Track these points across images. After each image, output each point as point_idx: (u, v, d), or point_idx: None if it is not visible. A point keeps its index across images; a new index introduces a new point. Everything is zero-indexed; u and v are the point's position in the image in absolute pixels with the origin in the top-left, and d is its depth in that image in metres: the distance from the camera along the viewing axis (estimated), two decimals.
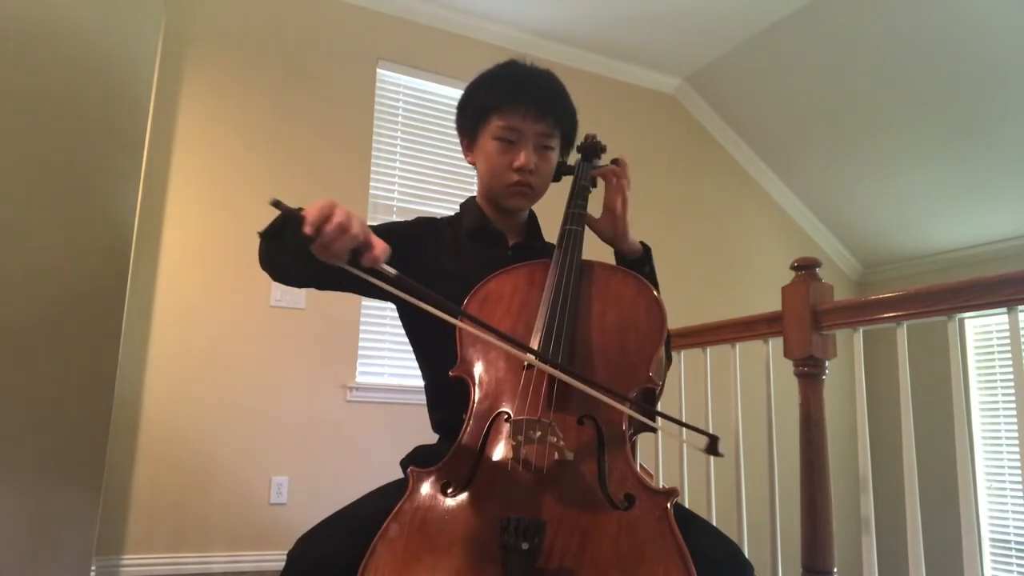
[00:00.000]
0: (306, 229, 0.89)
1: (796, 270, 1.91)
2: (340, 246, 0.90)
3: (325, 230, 0.89)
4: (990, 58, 3.40)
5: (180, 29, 3.17)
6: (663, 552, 0.85)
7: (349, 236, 0.90)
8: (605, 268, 1.21)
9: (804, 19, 3.66)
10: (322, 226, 0.89)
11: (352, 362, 3.32)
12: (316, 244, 0.90)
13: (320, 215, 0.89)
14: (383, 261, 0.92)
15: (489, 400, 1.05)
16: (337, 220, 0.89)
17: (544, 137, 1.28)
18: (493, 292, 1.17)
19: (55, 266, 2.22)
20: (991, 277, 1.49)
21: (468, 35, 3.86)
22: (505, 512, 0.88)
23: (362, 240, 0.91)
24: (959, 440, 1.55)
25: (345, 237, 0.90)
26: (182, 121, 3.15)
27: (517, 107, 1.25)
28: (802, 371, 1.85)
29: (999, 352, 4.21)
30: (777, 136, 4.46)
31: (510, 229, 1.38)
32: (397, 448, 1.25)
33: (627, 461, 0.96)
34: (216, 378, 3.04)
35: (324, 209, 0.90)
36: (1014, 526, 4.02)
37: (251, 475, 3.03)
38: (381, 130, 3.60)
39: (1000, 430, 4.16)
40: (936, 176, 4.10)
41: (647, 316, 1.12)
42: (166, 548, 2.85)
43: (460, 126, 1.37)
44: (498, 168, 1.28)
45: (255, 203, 3.22)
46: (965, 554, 1.49)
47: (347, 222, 0.90)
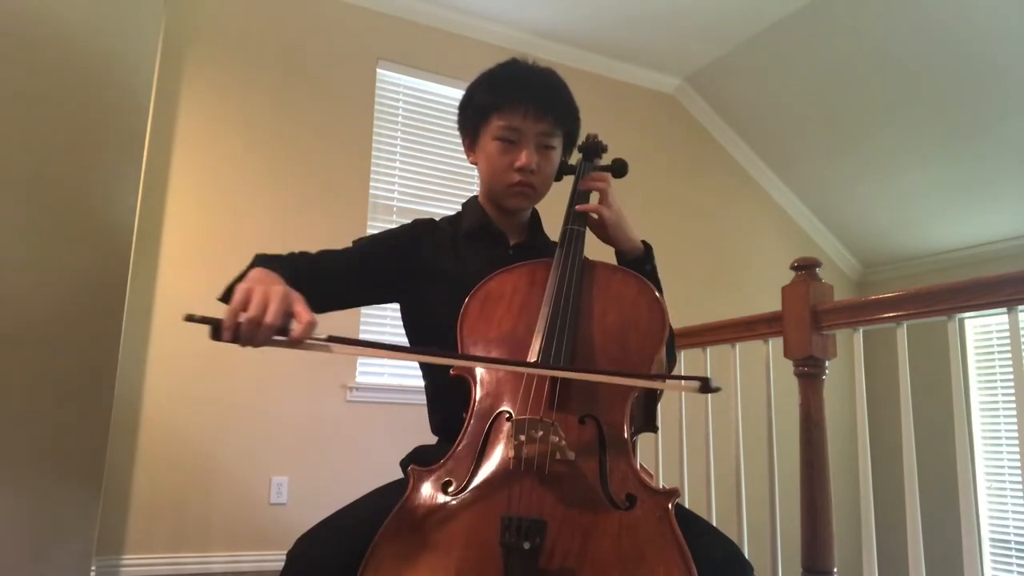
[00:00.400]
0: (224, 336, 0.89)
1: (796, 270, 1.91)
2: (260, 339, 0.89)
3: (241, 330, 0.88)
4: (990, 58, 3.40)
5: (180, 29, 3.17)
6: (664, 552, 0.85)
7: (264, 327, 0.88)
8: (606, 268, 1.21)
9: (804, 19, 3.66)
10: (235, 327, 0.88)
11: (352, 362, 3.31)
12: (239, 343, 0.89)
13: (231, 317, 0.88)
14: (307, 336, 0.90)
15: (490, 399, 1.05)
16: (250, 315, 0.88)
17: (545, 137, 1.28)
18: (494, 291, 1.17)
19: (55, 266, 2.22)
20: (991, 277, 1.49)
21: (468, 35, 3.86)
22: (506, 512, 0.88)
23: (281, 324, 0.89)
24: (959, 440, 1.55)
25: (261, 329, 0.88)
26: (182, 121, 3.15)
27: (518, 107, 1.25)
28: (802, 371, 1.85)
29: (999, 352, 4.21)
30: (777, 136, 4.46)
31: (512, 229, 1.38)
32: (397, 448, 1.25)
33: (628, 461, 0.96)
34: (216, 378, 3.03)
35: (235, 309, 0.89)
36: (1014, 526, 4.02)
37: (251, 475, 3.03)
38: (381, 130, 3.59)
39: (1000, 430, 4.16)
40: (936, 176, 4.10)
41: (648, 316, 1.12)
42: (166, 548, 2.85)
43: (461, 126, 1.36)
44: (499, 168, 1.28)
45: (255, 203, 3.22)
46: (965, 554, 1.50)
47: (259, 315, 0.88)
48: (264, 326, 0.88)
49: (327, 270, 1.23)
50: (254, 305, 0.88)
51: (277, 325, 0.89)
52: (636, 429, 1.08)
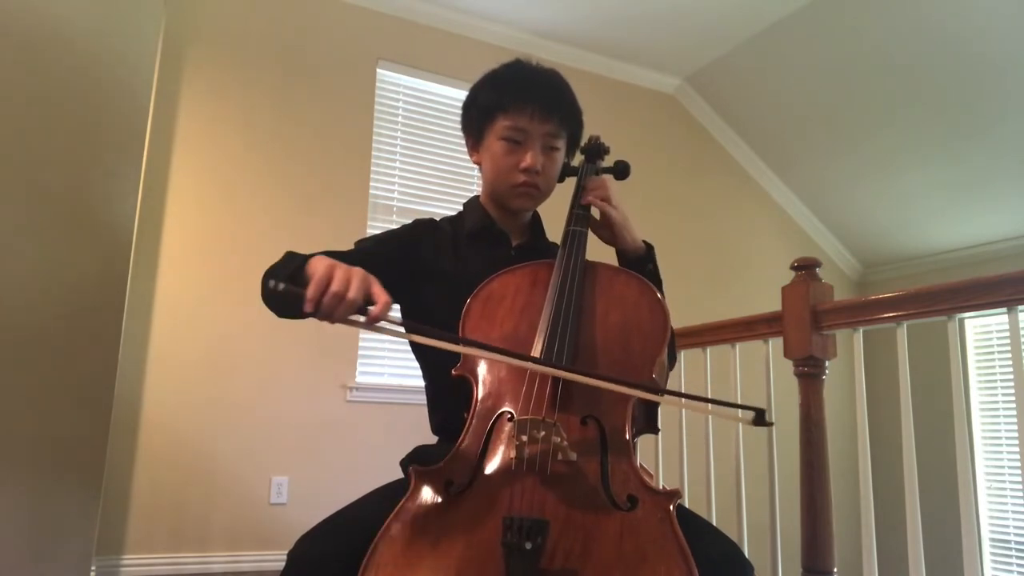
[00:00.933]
0: (306, 308, 0.91)
1: (796, 270, 1.91)
2: (340, 314, 0.91)
3: (324, 303, 0.90)
4: (990, 58, 3.40)
5: (180, 29, 3.17)
6: (665, 553, 0.85)
7: (347, 303, 0.91)
8: (608, 269, 1.21)
9: (804, 19, 3.66)
10: (320, 299, 0.90)
11: (352, 362, 3.32)
12: (317, 316, 0.92)
13: (317, 290, 0.90)
14: (386, 315, 0.93)
15: (492, 399, 1.05)
16: (334, 290, 0.90)
17: (550, 137, 1.28)
18: (496, 292, 1.16)
19: (55, 266, 2.22)
20: (991, 277, 1.49)
21: (468, 35, 3.86)
22: (508, 512, 0.88)
23: (362, 302, 0.92)
24: (959, 440, 1.55)
25: (343, 305, 0.91)
26: (182, 121, 3.14)
27: (524, 107, 1.25)
28: (802, 371, 1.85)
29: (999, 352, 4.21)
30: (777, 136, 4.46)
31: (514, 229, 1.38)
32: (397, 448, 1.25)
33: (630, 462, 0.96)
34: (216, 378, 3.03)
35: (320, 283, 0.91)
36: (1014, 526, 4.02)
37: (251, 475, 3.03)
38: (381, 130, 3.59)
39: (1000, 430, 4.16)
40: (936, 176, 4.10)
41: (650, 318, 1.12)
42: (166, 548, 2.85)
43: (465, 126, 1.36)
44: (504, 168, 1.27)
45: (255, 203, 3.22)
46: (965, 554, 1.50)
47: (343, 290, 0.91)
48: (347, 301, 0.90)
49: None
50: (337, 281, 0.91)
51: (359, 302, 0.91)
52: (637, 430, 1.08)
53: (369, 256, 1.29)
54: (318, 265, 0.94)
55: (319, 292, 0.90)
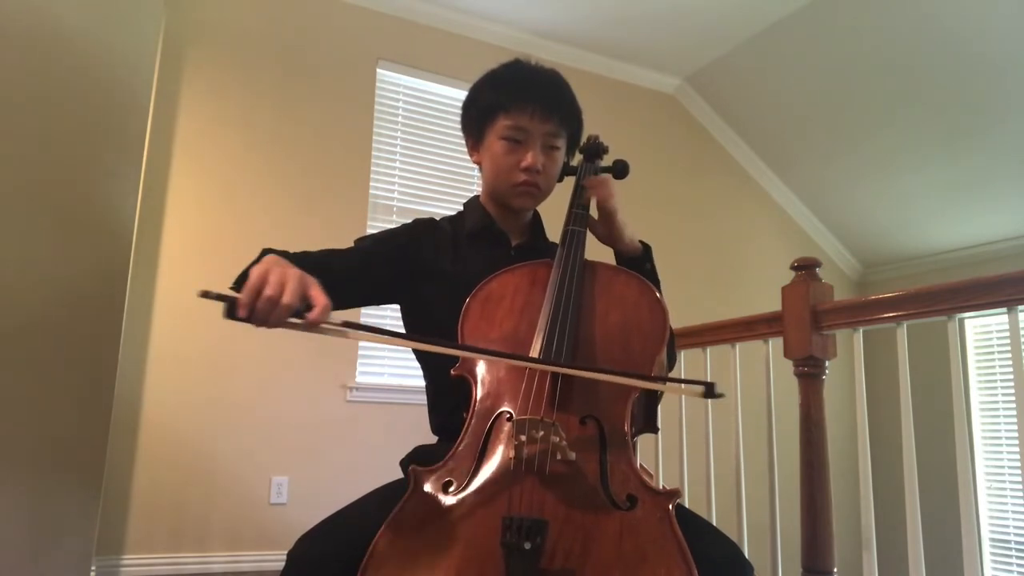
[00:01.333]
0: (239, 313, 0.89)
1: (796, 270, 1.91)
2: (275, 319, 0.90)
3: (257, 308, 0.89)
4: (990, 58, 3.40)
5: (180, 29, 3.17)
6: (665, 553, 0.85)
7: (281, 307, 0.89)
8: (608, 269, 1.21)
9: (804, 19, 3.66)
10: (254, 304, 0.89)
11: (352, 362, 3.32)
12: (253, 322, 0.90)
13: (249, 295, 0.89)
14: (323, 320, 0.91)
15: (491, 399, 1.05)
16: (267, 295, 0.89)
17: (551, 137, 1.28)
18: (495, 292, 1.16)
19: (55, 266, 2.22)
20: (991, 277, 1.49)
21: (468, 35, 3.86)
22: (507, 512, 0.88)
23: (298, 306, 0.90)
24: (959, 440, 1.55)
25: (278, 309, 0.89)
26: (182, 121, 3.15)
27: (525, 106, 1.25)
28: (802, 371, 1.85)
29: (999, 352, 4.21)
30: (777, 136, 4.46)
31: (514, 229, 1.38)
32: (397, 448, 1.25)
33: (629, 461, 0.96)
34: (216, 378, 3.03)
35: (253, 288, 0.89)
36: (1014, 526, 4.02)
37: (251, 475, 3.03)
38: (381, 130, 3.59)
39: (1000, 430, 4.16)
40: (936, 176, 4.10)
41: (650, 317, 1.12)
42: (166, 548, 2.85)
43: (465, 125, 1.36)
44: (505, 168, 1.28)
45: (255, 203, 3.22)
46: (965, 554, 1.50)
47: (276, 294, 0.89)
48: (281, 306, 0.89)
49: (331, 270, 1.23)
50: (271, 285, 0.89)
51: (294, 306, 0.90)
52: (637, 430, 1.08)
53: (370, 256, 1.29)
54: (255, 269, 0.92)
55: (252, 298, 0.89)
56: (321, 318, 0.90)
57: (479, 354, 1.06)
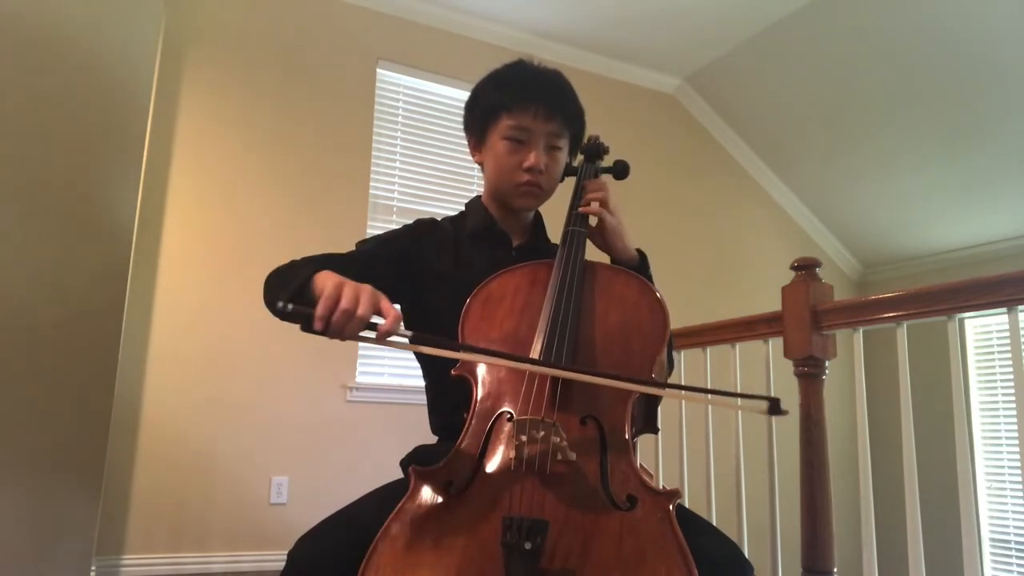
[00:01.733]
0: (316, 326, 0.91)
1: (796, 270, 1.91)
2: (351, 331, 0.92)
3: (334, 321, 0.91)
4: (990, 58, 3.40)
5: (180, 29, 3.17)
6: (665, 553, 0.85)
7: (357, 320, 0.91)
8: (608, 269, 1.21)
9: (804, 19, 3.66)
10: (330, 318, 0.91)
11: (352, 362, 3.32)
12: (327, 335, 0.92)
13: (326, 309, 0.91)
14: (396, 330, 0.93)
15: (491, 399, 1.05)
16: (343, 307, 0.90)
17: (554, 137, 1.28)
18: (496, 292, 1.16)
19: (55, 266, 2.22)
20: (991, 277, 1.49)
21: (468, 35, 3.86)
22: (507, 512, 0.88)
23: (371, 319, 0.92)
24: (959, 440, 1.55)
25: (354, 322, 0.91)
26: (182, 121, 3.14)
27: (528, 106, 1.25)
28: (802, 371, 1.85)
29: (999, 352, 4.21)
30: (777, 136, 4.46)
31: (515, 230, 1.38)
32: (397, 448, 1.25)
33: (629, 462, 0.96)
34: (216, 378, 3.03)
35: (329, 301, 0.91)
36: (1014, 526, 4.02)
37: (251, 475, 3.03)
38: (381, 130, 3.59)
39: (1000, 430, 4.16)
40: (936, 176, 4.10)
41: (650, 317, 1.12)
42: (166, 548, 2.85)
43: (468, 125, 1.36)
44: (507, 168, 1.28)
45: (255, 203, 3.22)
46: (965, 554, 1.50)
47: (352, 307, 0.91)
48: (357, 318, 0.91)
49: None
50: (346, 298, 0.91)
51: (367, 318, 0.92)
52: (637, 430, 1.08)
53: (373, 258, 1.29)
54: (326, 282, 0.94)
55: (328, 311, 0.90)
56: (393, 329, 0.92)
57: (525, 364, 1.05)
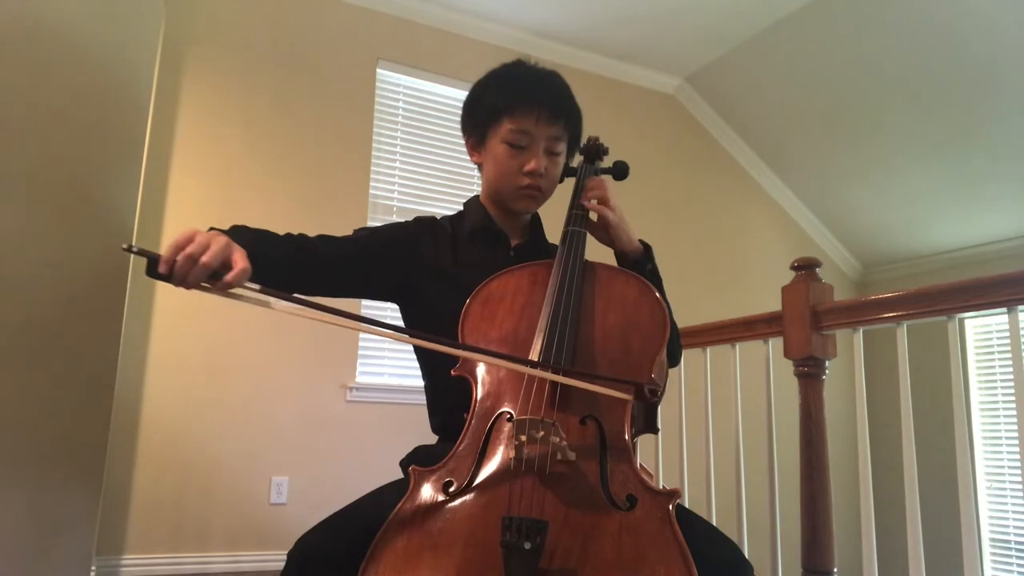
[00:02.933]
0: (160, 268, 0.91)
1: (796, 270, 1.91)
2: (194, 277, 0.91)
3: (176, 264, 0.91)
4: (990, 58, 3.40)
5: (180, 29, 3.17)
6: (665, 553, 0.85)
7: (200, 267, 0.91)
8: (608, 269, 1.20)
9: (804, 19, 3.66)
10: (172, 261, 0.91)
11: (352, 362, 3.32)
12: (173, 280, 0.92)
13: (172, 251, 0.91)
14: (239, 283, 0.92)
15: (491, 399, 1.05)
16: (188, 251, 0.90)
17: (554, 141, 1.28)
18: (495, 292, 1.16)
19: (55, 266, 2.22)
20: (991, 277, 1.50)
21: (468, 35, 3.86)
22: (507, 512, 0.88)
23: (217, 266, 0.92)
24: (959, 440, 1.55)
25: (196, 268, 0.91)
26: (182, 121, 3.15)
27: (530, 110, 1.24)
28: (802, 371, 1.85)
29: (999, 352, 4.21)
30: (777, 136, 4.46)
31: (513, 230, 1.38)
32: (397, 448, 1.25)
33: (629, 462, 0.96)
34: (216, 378, 3.03)
35: (176, 245, 0.91)
36: (1014, 526, 4.02)
37: (251, 475, 3.03)
38: (381, 130, 3.59)
39: (1000, 430, 4.16)
40: (936, 176, 4.10)
41: (650, 318, 1.12)
42: (166, 548, 2.85)
43: (466, 126, 1.35)
44: (508, 171, 1.28)
45: (255, 203, 3.22)
46: (965, 554, 1.50)
47: (197, 253, 0.90)
48: (200, 265, 0.90)
49: (324, 254, 1.23)
50: (195, 244, 0.91)
51: (212, 267, 0.91)
52: (637, 430, 1.08)
53: (363, 247, 1.29)
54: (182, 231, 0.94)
55: (173, 253, 0.90)
56: (236, 281, 0.91)
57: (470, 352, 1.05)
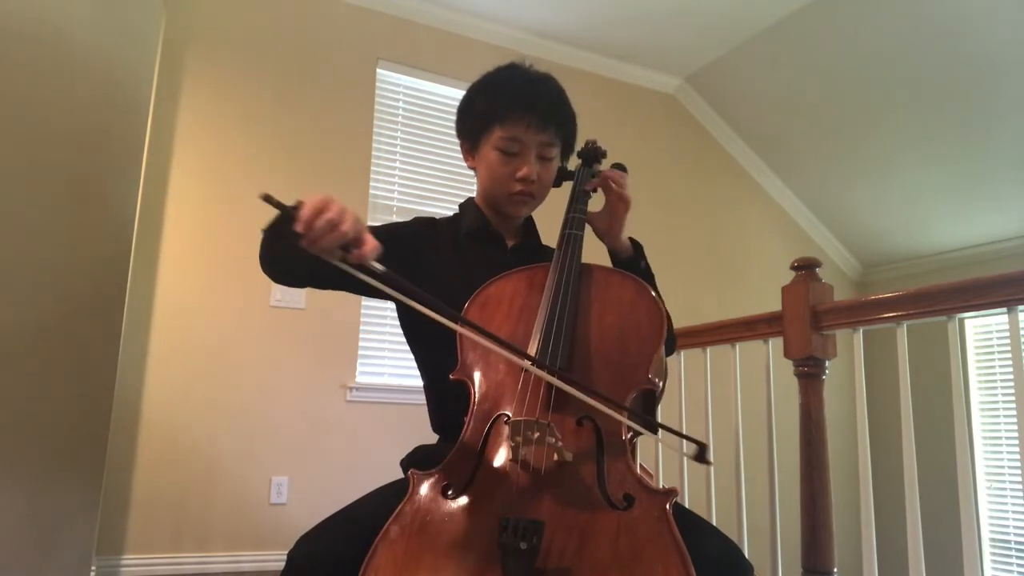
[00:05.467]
0: (297, 227, 0.89)
1: (796, 270, 1.91)
2: (328, 242, 0.90)
3: (315, 226, 0.89)
4: (990, 58, 3.40)
5: (180, 29, 3.17)
6: (662, 552, 0.85)
7: (338, 233, 0.89)
8: (604, 271, 1.21)
9: (804, 19, 3.66)
10: (312, 222, 0.89)
11: (352, 362, 3.32)
12: (304, 240, 0.90)
13: (312, 212, 0.89)
14: (371, 259, 0.91)
15: (489, 402, 1.05)
16: (327, 217, 0.89)
17: (546, 147, 1.28)
18: (493, 296, 1.17)
19: (55, 266, 2.22)
20: (991, 277, 1.49)
21: (468, 35, 3.86)
22: (504, 513, 0.88)
23: (352, 237, 0.90)
24: (959, 440, 1.55)
25: (334, 234, 0.89)
26: (182, 121, 3.15)
27: (520, 118, 1.24)
28: (802, 371, 1.85)
29: (999, 352, 4.21)
30: (777, 136, 4.46)
31: (508, 231, 1.38)
32: (397, 448, 1.25)
33: (626, 461, 0.96)
34: (216, 378, 3.04)
35: (317, 206, 0.89)
36: (1014, 526, 4.02)
37: (251, 475, 3.03)
38: (381, 130, 3.59)
39: (1000, 430, 4.16)
40: (936, 176, 4.10)
41: (647, 318, 1.12)
42: (166, 548, 2.85)
43: (460, 131, 1.36)
44: (500, 177, 1.28)
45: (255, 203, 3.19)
46: (965, 554, 1.49)
47: (337, 218, 0.89)
48: (339, 231, 0.89)
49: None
50: (333, 210, 0.89)
51: (348, 236, 0.90)
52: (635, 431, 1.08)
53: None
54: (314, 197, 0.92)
55: (313, 215, 0.89)
56: (369, 256, 0.91)
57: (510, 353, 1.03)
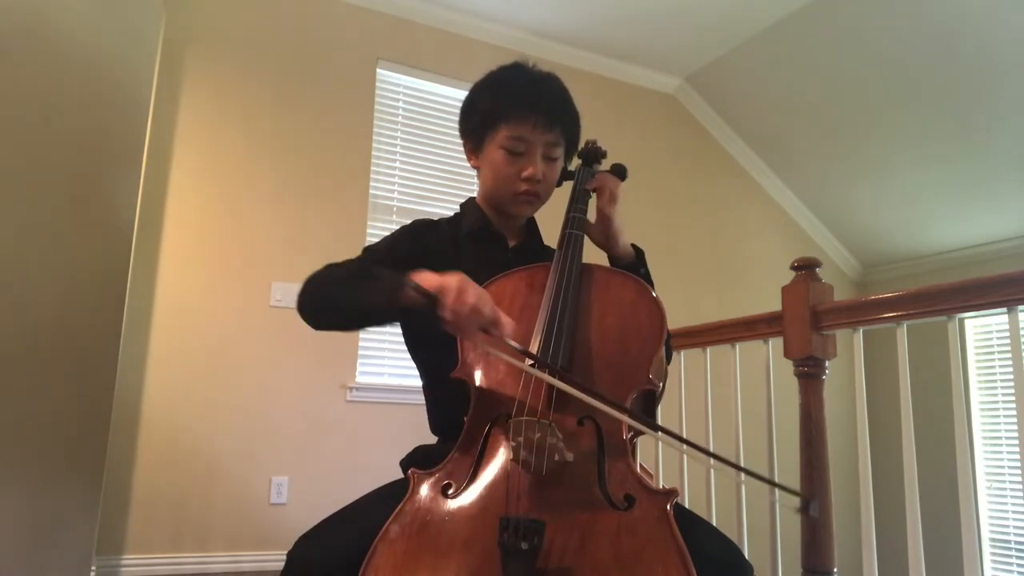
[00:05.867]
0: (444, 314, 0.93)
1: (796, 270, 1.91)
2: (474, 326, 0.95)
3: (461, 313, 0.93)
4: (989, 58, 3.40)
5: (180, 29, 3.17)
6: (663, 552, 0.85)
7: (480, 317, 0.94)
8: (605, 271, 1.21)
9: (804, 19, 3.66)
10: (458, 309, 0.93)
11: (352, 362, 3.31)
12: (448, 324, 0.94)
13: (455, 301, 0.93)
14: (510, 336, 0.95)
15: (490, 401, 1.05)
16: (471, 303, 0.93)
17: (551, 147, 1.27)
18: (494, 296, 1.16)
19: (55, 266, 2.22)
20: (991, 277, 1.49)
21: (468, 35, 3.86)
22: (505, 513, 0.88)
23: (490, 319, 0.95)
24: (959, 440, 1.55)
25: (476, 318, 0.94)
26: (182, 121, 3.15)
27: (527, 117, 1.24)
28: (802, 371, 1.85)
29: (999, 352, 4.21)
30: (777, 136, 4.46)
31: (510, 231, 1.38)
32: (397, 448, 1.25)
33: (627, 462, 0.96)
34: (216, 378, 3.03)
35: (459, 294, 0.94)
36: (1014, 526, 4.01)
37: (251, 475, 3.03)
38: (381, 130, 3.59)
39: (1000, 430, 4.16)
40: (936, 176, 4.10)
41: (647, 318, 1.12)
42: (166, 548, 2.85)
43: (464, 131, 1.35)
44: (505, 177, 1.27)
45: (255, 203, 3.22)
46: (965, 554, 1.49)
47: (479, 304, 0.94)
48: (482, 317, 0.94)
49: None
50: (472, 295, 0.94)
51: (490, 319, 0.94)
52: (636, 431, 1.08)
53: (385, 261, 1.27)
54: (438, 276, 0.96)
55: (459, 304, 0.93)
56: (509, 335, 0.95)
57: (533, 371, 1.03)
